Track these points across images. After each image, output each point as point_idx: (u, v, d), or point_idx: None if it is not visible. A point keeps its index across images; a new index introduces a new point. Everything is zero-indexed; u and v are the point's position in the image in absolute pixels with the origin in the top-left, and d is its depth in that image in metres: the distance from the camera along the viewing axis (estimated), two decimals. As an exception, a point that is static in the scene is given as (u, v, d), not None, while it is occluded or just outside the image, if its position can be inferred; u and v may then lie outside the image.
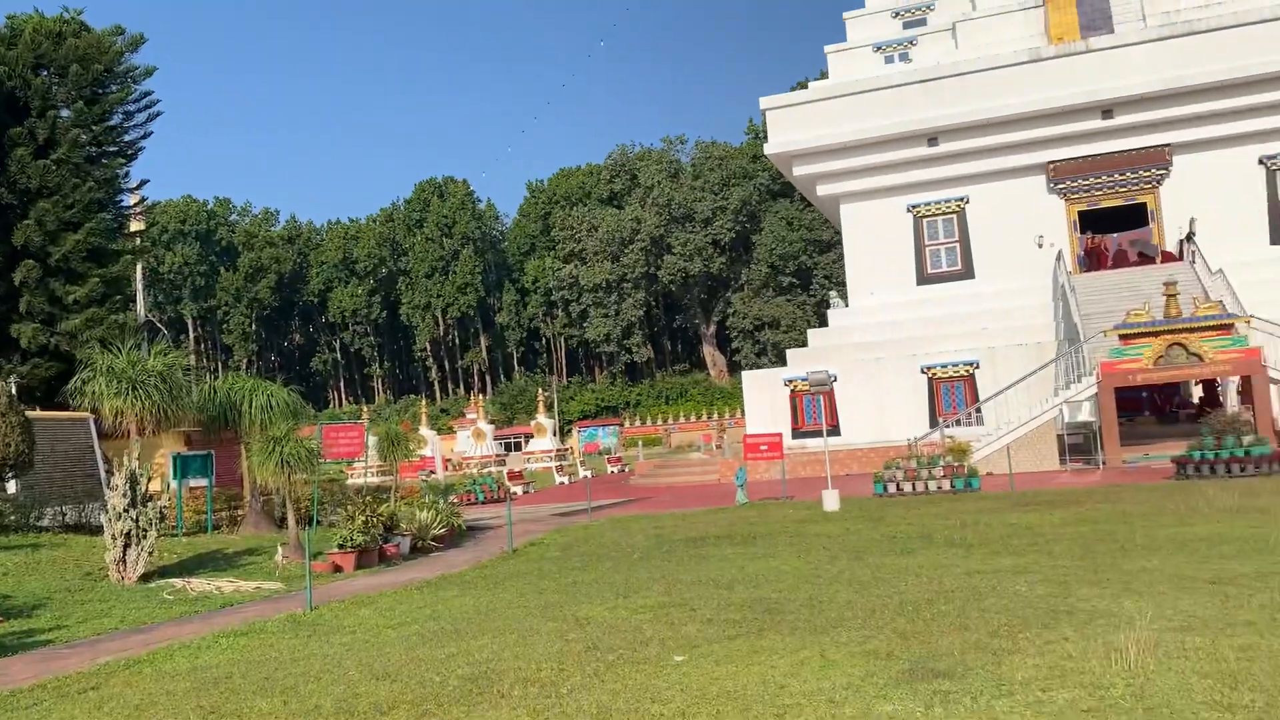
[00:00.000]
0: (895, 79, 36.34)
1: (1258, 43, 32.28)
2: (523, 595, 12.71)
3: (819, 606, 10.18)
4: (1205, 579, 10.23)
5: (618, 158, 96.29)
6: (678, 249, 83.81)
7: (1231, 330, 25.70)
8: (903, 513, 19.09)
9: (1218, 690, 6.45)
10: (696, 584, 12.32)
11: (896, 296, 36.98)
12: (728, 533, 17.85)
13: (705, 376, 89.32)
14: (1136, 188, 34.87)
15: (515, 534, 19.71)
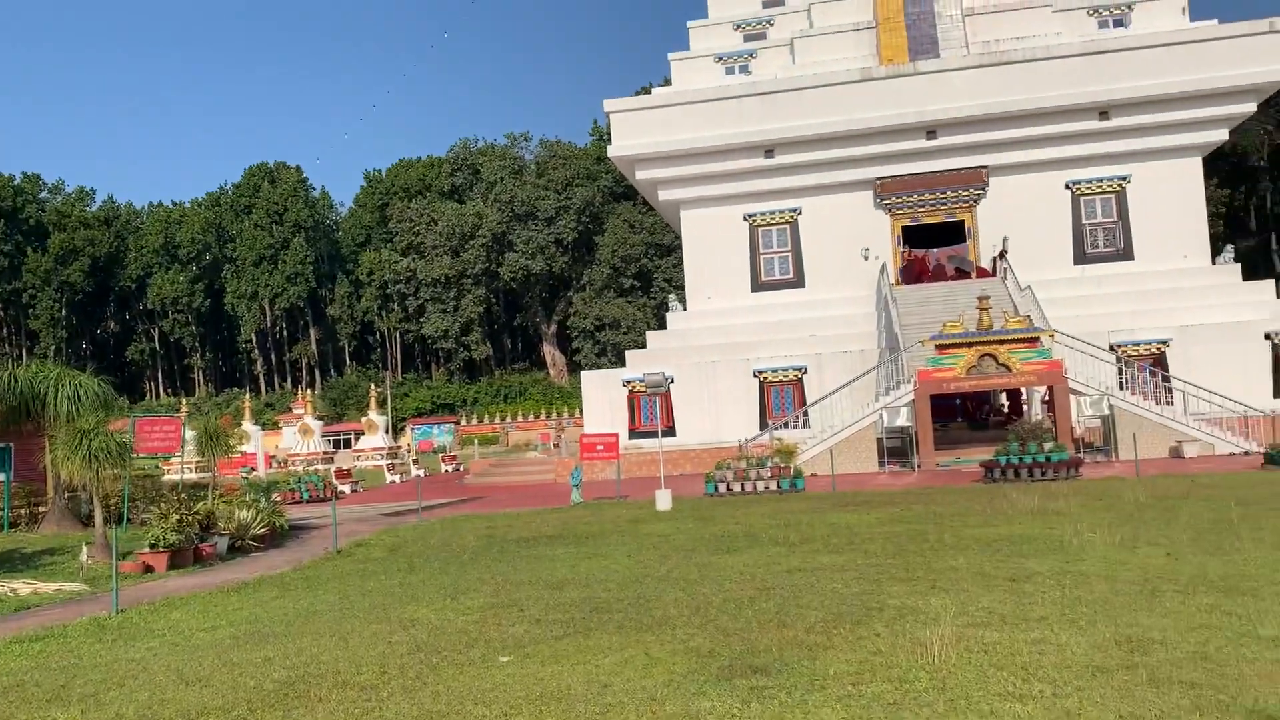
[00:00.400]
0: (735, 90, 37.24)
1: (1066, 75, 34.70)
2: (346, 597, 12.37)
3: (646, 605, 10.32)
4: (1005, 577, 10.90)
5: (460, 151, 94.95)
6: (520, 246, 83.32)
7: (1037, 343, 27.50)
8: (731, 512, 19.55)
9: (1011, 682, 6.89)
10: (527, 584, 12.28)
11: (732, 302, 37.89)
12: (561, 532, 17.87)
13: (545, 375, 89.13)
14: (955, 206, 36.88)
15: (341, 534, 19.16)
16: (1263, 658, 7.22)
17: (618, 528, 18.08)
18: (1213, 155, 45.45)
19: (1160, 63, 34.33)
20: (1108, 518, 15.22)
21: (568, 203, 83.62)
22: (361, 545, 18.13)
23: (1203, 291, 33.99)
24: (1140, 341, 32.22)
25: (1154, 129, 35.15)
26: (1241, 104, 35.07)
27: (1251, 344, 31.82)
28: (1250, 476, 20.68)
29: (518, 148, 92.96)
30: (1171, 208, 35.48)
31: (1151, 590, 9.75)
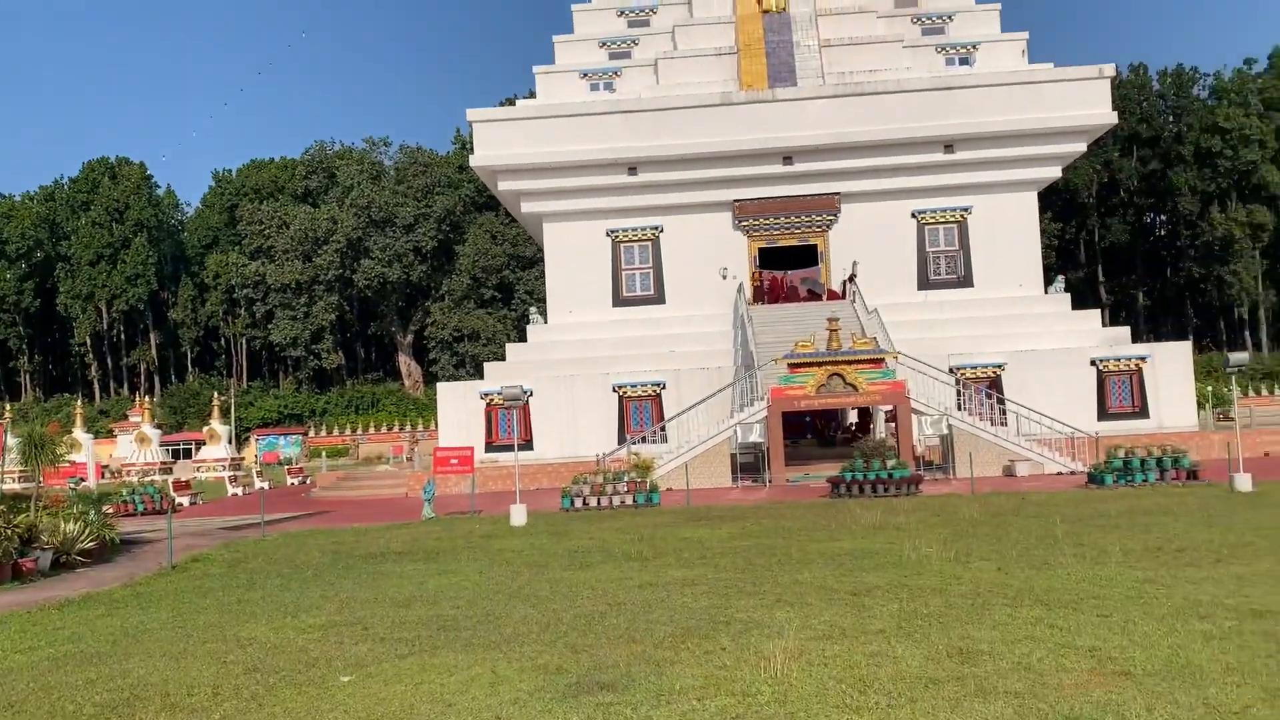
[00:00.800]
0: (600, 107, 37.49)
1: (914, 109, 36.32)
2: (179, 615, 11.80)
3: (495, 622, 10.21)
4: (847, 591, 11.26)
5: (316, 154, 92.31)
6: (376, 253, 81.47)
7: (882, 364, 28.58)
8: (586, 527, 19.56)
9: (849, 694, 7.12)
10: (372, 602, 11.98)
11: (594, 316, 38.02)
12: (410, 548, 17.51)
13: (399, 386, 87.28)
14: (809, 230, 38.04)
15: (177, 548, 18.27)
16: (1079, 667, 7.67)
17: (470, 543, 17.84)
18: (1047, 191, 48.30)
19: (1001, 101, 36.31)
20: (944, 533, 15.91)
21: (428, 210, 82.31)
22: (199, 560, 17.33)
23: (1036, 319, 36.02)
24: (978, 365, 33.88)
25: (994, 164, 37.12)
26: (1073, 143, 37.42)
27: (1079, 369, 33.90)
28: (1075, 494, 21.98)
29: (377, 152, 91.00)
30: (1009, 239, 37.50)
31: (982, 603, 10.23)
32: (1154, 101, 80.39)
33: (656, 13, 41.34)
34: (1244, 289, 72.45)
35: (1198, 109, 77.12)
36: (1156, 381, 33.87)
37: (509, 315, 79.60)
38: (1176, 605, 9.78)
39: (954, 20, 39.79)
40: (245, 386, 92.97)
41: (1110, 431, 30.15)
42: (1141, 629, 8.82)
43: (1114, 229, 79.00)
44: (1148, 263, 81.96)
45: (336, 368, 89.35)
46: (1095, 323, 37.19)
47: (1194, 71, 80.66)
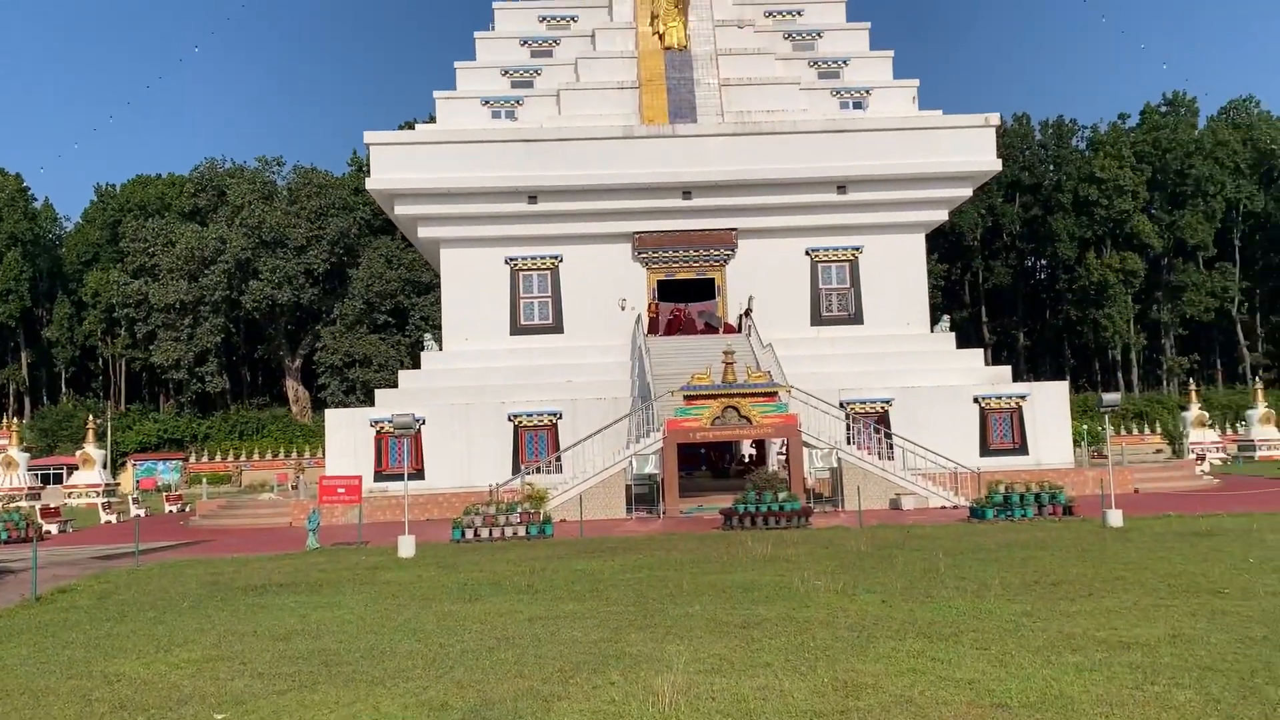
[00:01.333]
0: (501, 134, 37.45)
1: (809, 150, 37.26)
2: (41, 650, 11.19)
3: (380, 656, 9.97)
4: (737, 624, 11.34)
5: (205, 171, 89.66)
6: (266, 274, 79.38)
7: (776, 398, 29.05)
8: (477, 559, 19.29)
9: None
10: (251, 635, 11.57)
11: (490, 344, 37.73)
12: (293, 580, 16.99)
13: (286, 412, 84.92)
14: (707, 264, 38.57)
15: (42, 579, 17.36)
16: (958, 699, 7.88)
17: (355, 575, 17.41)
18: (935, 233, 49.96)
19: (892, 145, 37.53)
20: (832, 565, 16.20)
21: (321, 232, 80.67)
22: (66, 592, 16.49)
23: (922, 357, 37.15)
24: (867, 400, 34.74)
25: (885, 205, 38.29)
26: (960, 188, 38.91)
27: (963, 406, 35.05)
28: (957, 528, 22.64)
29: (269, 172, 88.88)
30: (898, 278, 38.66)
31: (867, 636, 10.43)
32: (1036, 150, 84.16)
33: (560, 44, 41.62)
34: (1117, 332, 76.05)
35: (1076, 159, 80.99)
36: (1035, 419, 35.22)
37: (403, 341, 78.38)
38: (1051, 638, 10.14)
39: (849, 65, 41.08)
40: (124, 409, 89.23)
41: (991, 467, 31.21)
42: (1018, 661, 9.11)
43: (997, 271, 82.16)
44: (1028, 305, 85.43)
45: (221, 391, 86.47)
46: (979, 361, 38.54)
47: (1073, 123, 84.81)
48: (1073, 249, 77.73)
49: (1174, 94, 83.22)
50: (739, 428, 28.76)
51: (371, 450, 34.26)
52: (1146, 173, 76.56)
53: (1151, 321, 79.40)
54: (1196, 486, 33.57)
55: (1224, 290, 77.65)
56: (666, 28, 40.19)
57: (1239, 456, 52.07)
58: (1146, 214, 77.36)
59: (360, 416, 35.21)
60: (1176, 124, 79.78)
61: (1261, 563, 14.97)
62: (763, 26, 42.19)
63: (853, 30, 42.32)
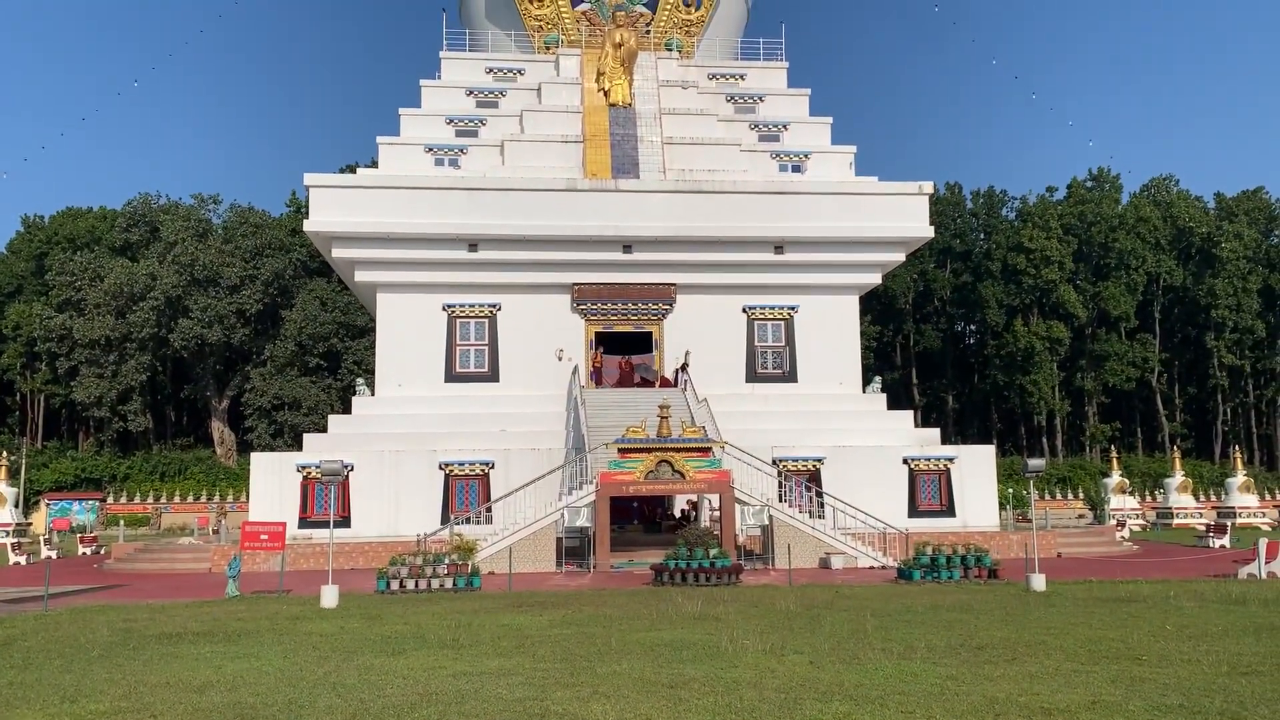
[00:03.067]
0: (443, 181, 37.47)
1: (748, 210, 37.87)
2: (-64, 702, 10.65)
3: (298, 711, 9.68)
4: (664, 683, 11.25)
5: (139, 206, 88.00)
6: (196, 313, 77.85)
7: (709, 453, 29.13)
8: (402, 611, 18.92)
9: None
10: (163, 686, 11.17)
11: (424, 391, 37.37)
12: (210, 629, 16.47)
13: (211, 454, 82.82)
14: (645, 317, 38.79)
15: (-59, 625, 16.58)
16: (882, 762, 7.87)
17: (275, 625, 16.94)
18: (868, 295, 51.02)
19: (829, 209, 38.29)
20: (761, 624, 16.18)
21: (255, 272, 79.50)
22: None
23: (854, 416, 37.63)
24: (799, 458, 35.03)
25: (820, 267, 38.95)
26: (893, 253, 39.79)
27: (892, 467, 35.50)
28: (885, 589, 22.81)
29: (205, 209, 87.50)
30: (831, 338, 39.25)
31: (794, 699, 10.41)
32: (967, 219, 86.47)
33: (506, 96, 41.98)
34: (1042, 398, 77.86)
35: (1005, 228, 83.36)
36: (963, 482, 35.79)
37: (334, 385, 77.19)
38: (975, 703, 10.22)
39: (789, 130, 42.00)
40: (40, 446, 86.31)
41: (920, 528, 31.57)
42: (941, 725, 9.14)
43: (928, 335, 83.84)
44: (957, 368, 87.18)
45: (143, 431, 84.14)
46: (909, 423, 39.14)
47: (1003, 194, 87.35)
48: (1001, 315, 79.69)
49: (1099, 170, 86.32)
50: (672, 482, 28.76)
51: (297, 496, 33.57)
52: (1072, 244, 79.02)
53: (1075, 389, 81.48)
54: (1117, 552, 34.30)
55: (1144, 360, 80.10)
56: (612, 85, 40.80)
57: (1157, 523, 53.42)
58: (1072, 284, 79.71)
59: (287, 461, 34.54)
60: (1101, 199, 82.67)
61: (1178, 630, 15.31)
62: (706, 88, 43.04)
63: (793, 96, 43.36)
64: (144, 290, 78.68)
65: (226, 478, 74.84)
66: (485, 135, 40.66)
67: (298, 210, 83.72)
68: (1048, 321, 78.59)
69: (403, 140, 40.19)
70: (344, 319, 79.06)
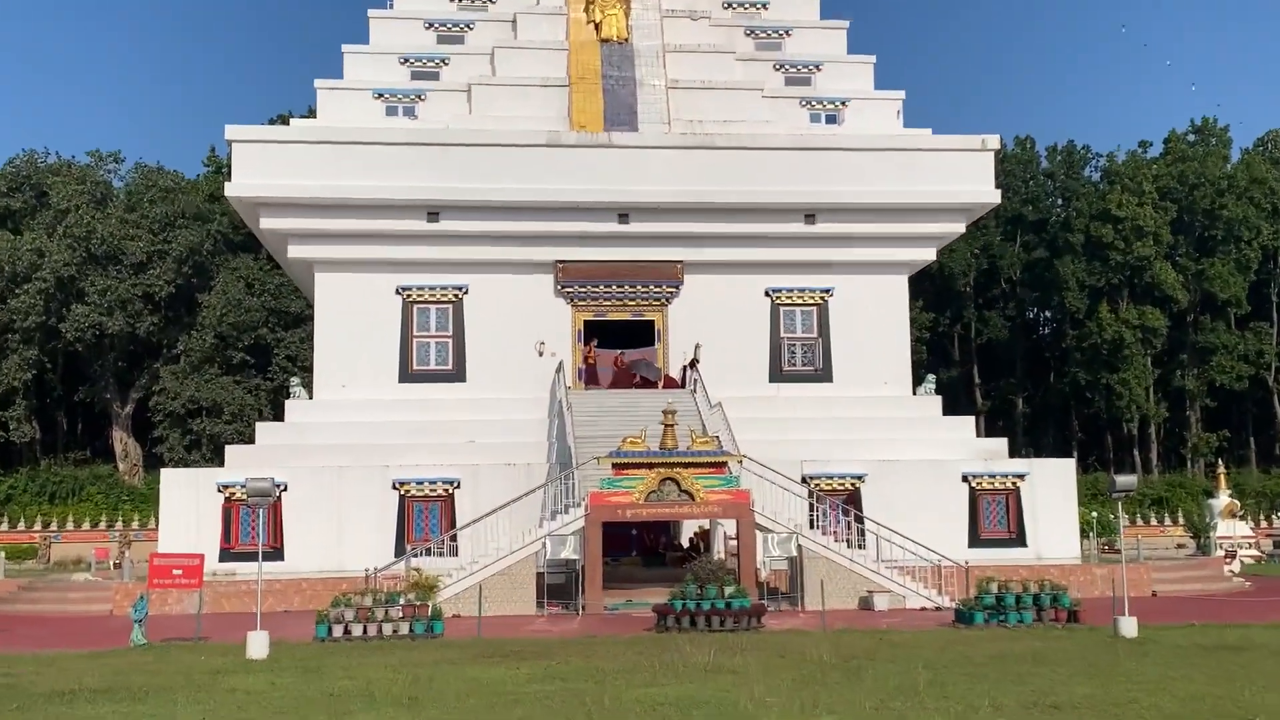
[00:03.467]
0: (397, 136, 37.48)
1: (773, 170, 37.90)
2: None
3: (220, 786, 9.71)
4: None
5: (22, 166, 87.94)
6: (94, 297, 77.77)
7: (725, 469, 29.18)
8: (348, 662, 18.98)
9: None
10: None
11: (374, 393, 37.41)
12: (111, 684, 16.53)
13: (112, 470, 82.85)
14: (646, 303, 38.84)
15: None
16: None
17: (191, 680, 17.01)
18: (920, 275, 50.97)
19: (871, 168, 38.33)
20: (788, 679, 16.22)
21: (166, 247, 79.43)
22: None
23: (902, 424, 37.69)
24: (835, 475, 35.10)
25: (862, 240, 39.00)
26: (951, 223, 39.84)
27: (949, 486, 35.58)
28: (940, 635, 22.85)
29: (104, 170, 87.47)
30: (875, 328, 39.28)
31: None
32: (1041, 181, 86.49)
33: (474, 30, 41.96)
34: (1133, 400, 77.70)
35: (1088, 193, 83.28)
36: (1035, 504, 35.88)
37: (263, 387, 77.23)
38: (1049, 772, 10.24)
39: (822, 71, 42.03)
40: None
41: (982, 560, 31.62)
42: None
43: (993, 323, 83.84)
44: (1029, 364, 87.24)
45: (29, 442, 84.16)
46: (969, 431, 39.24)
47: (1085, 150, 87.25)
48: (1082, 300, 79.65)
49: (1203, 121, 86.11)
50: (679, 505, 28.80)
51: (218, 522, 33.63)
52: (1171, 212, 78.74)
53: (1174, 389, 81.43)
54: (1225, 589, 34.36)
55: (1259, 355, 79.95)
56: (604, 16, 40.77)
57: (1275, 554, 53.48)
58: (1170, 261, 79.61)
59: (205, 479, 34.61)
60: (1206, 156, 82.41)
61: (1299, 684, 15.35)
62: (720, 20, 43.05)
63: (828, 29, 43.41)
64: (29, 269, 78.64)
65: (131, 499, 74.87)
66: (448, 78, 40.66)
67: (218, 171, 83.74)
68: (1140, 307, 78.55)
69: (347, 84, 40.20)
70: (275, 304, 79.11)
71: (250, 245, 75.57)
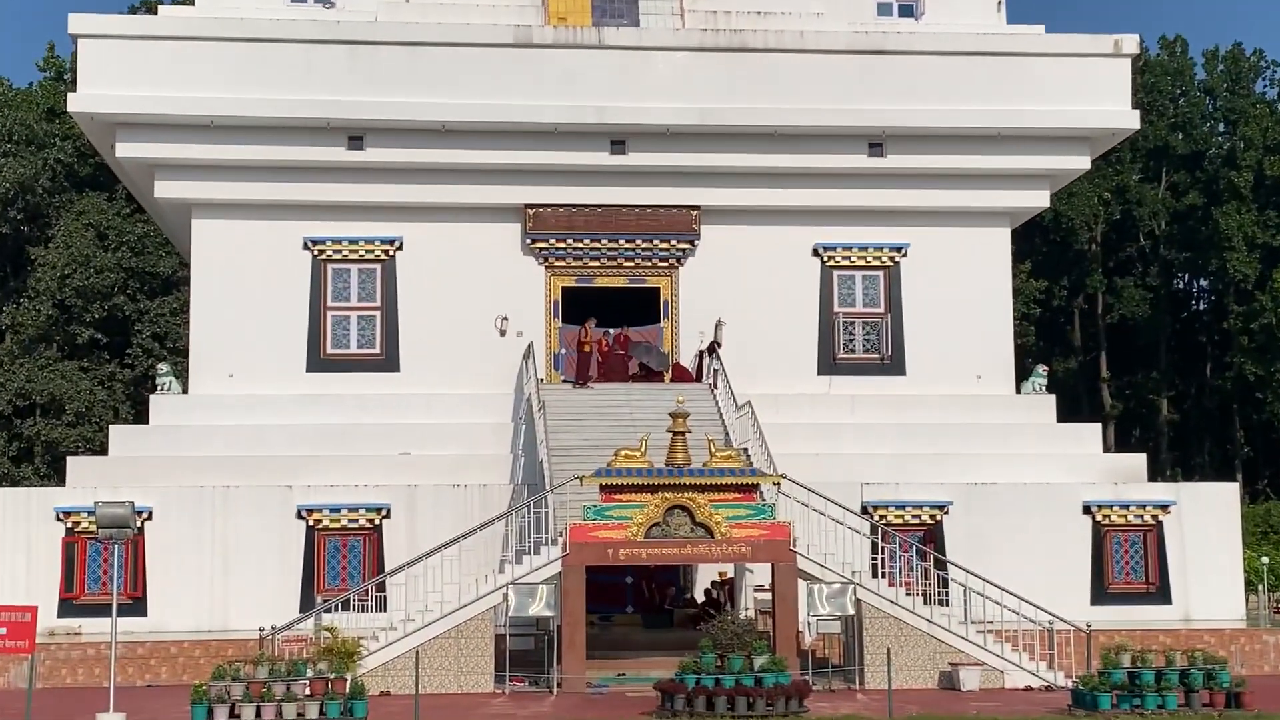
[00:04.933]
0: (304, 30, 37.35)
1: (826, 82, 37.73)
2: None
3: None
4: None
5: None
6: (-112, 252, 77.96)
7: (755, 495, 29.10)
8: (234, 757, 19.03)
9: None
10: None
11: (272, 386, 37.37)
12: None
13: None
14: (648, 264, 38.77)
15: None
16: None
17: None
18: (1026, 228, 50.94)
19: (961, 80, 38.19)
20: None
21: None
22: None
23: (1000, 433, 37.64)
24: (907, 503, 35.04)
25: (946, 177, 38.98)
26: (1071, 156, 39.71)
27: (1065, 519, 35.53)
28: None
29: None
30: (963, 300, 39.22)
31: None
32: (1196, 100, 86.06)
33: (413, -118, 41.78)
34: (1322, 403, 77.63)
35: (1261, 115, 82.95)
36: (1184, 544, 35.85)
37: (120, 375, 77.23)
38: None
39: (894, -57, 41.88)
40: None
41: (1111, 621, 31.63)
42: None
43: (1127, 295, 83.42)
44: (1178, 352, 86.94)
45: None
46: (1094, 444, 39.20)
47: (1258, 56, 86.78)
48: (1253, 263, 79.35)
49: None
50: (692, 544, 28.72)
51: (56, 562, 33.66)
52: (1376, 142, 78.67)
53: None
54: None
55: None
56: None
57: None
58: (1374, 210, 79.43)
59: (39, 502, 34.58)
60: None
61: None
62: None
63: (901, -118, 43.26)
64: None
65: (-63, 531, 75.05)
66: (378, -49, 40.61)
67: (59, 77, 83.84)
68: (1332, 273, 78.35)
69: (237, -43, 40.15)
70: (137, 263, 79.10)
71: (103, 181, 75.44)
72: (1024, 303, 70.96)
